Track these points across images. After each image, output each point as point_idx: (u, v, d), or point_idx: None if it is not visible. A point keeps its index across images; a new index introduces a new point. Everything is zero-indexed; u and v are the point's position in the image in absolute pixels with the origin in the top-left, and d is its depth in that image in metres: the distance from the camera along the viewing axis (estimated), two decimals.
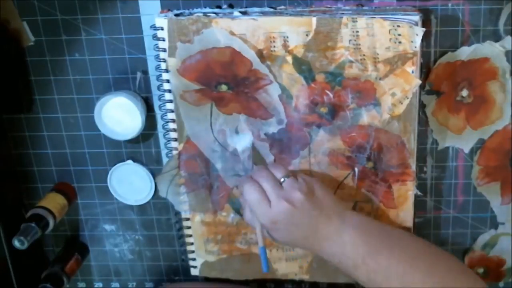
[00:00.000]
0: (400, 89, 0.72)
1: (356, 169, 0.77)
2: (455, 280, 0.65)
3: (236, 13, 0.73)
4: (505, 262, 0.84)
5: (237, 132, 0.77)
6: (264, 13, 0.73)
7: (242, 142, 0.77)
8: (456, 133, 0.78)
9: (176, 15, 0.73)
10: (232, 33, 0.72)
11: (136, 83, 0.79)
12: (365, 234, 0.69)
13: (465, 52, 0.74)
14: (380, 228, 0.72)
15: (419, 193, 0.79)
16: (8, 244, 0.80)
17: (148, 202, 0.85)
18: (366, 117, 0.74)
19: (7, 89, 0.79)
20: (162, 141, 0.81)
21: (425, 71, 0.75)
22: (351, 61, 0.72)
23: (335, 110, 0.74)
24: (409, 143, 0.75)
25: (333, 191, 0.77)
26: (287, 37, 0.72)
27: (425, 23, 0.72)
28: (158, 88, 0.77)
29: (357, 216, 0.72)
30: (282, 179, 0.72)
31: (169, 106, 0.77)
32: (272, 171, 0.73)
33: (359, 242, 0.68)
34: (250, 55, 0.72)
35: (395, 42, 0.70)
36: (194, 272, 0.87)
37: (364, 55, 0.71)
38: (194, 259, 0.86)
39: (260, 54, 0.73)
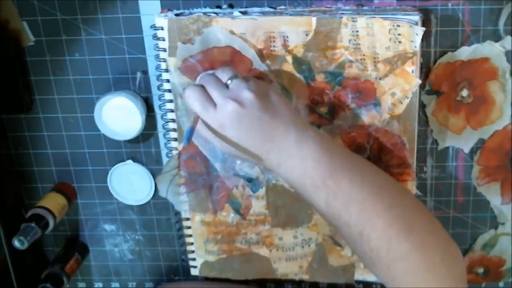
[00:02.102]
0: (400, 89, 0.72)
1: None
2: (415, 216, 0.62)
3: (236, 13, 0.73)
4: (505, 262, 0.84)
5: None
6: (264, 13, 0.73)
7: None
8: (456, 133, 0.78)
9: (176, 15, 0.73)
10: (232, 33, 0.72)
11: (136, 83, 0.79)
12: (328, 152, 0.63)
13: (465, 52, 0.74)
14: (343, 150, 0.66)
15: (419, 193, 0.79)
16: (8, 244, 0.80)
17: (148, 202, 0.85)
18: (366, 117, 0.74)
19: (7, 89, 0.79)
20: (162, 141, 0.81)
21: (425, 71, 0.75)
22: (351, 61, 0.72)
23: (335, 110, 0.74)
24: (409, 143, 0.75)
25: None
26: (287, 37, 0.72)
27: (425, 23, 0.72)
28: (158, 88, 0.77)
29: (318, 132, 0.65)
30: (228, 81, 0.65)
31: (169, 106, 0.77)
32: (218, 75, 0.66)
33: (321, 159, 0.62)
34: (251, 54, 0.72)
35: (395, 42, 0.70)
36: (194, 272, 0.87)
37: (364, 55, 0.71)
38: (194, 259, 0.86)
39: (260, 53, 0.73)
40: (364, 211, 0.61)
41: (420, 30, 0.69)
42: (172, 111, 0.77)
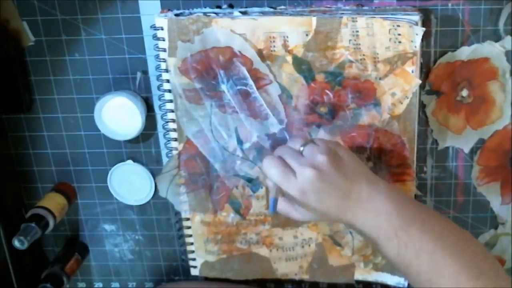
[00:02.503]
0: (400, 89, 0.72)
1: None
2: (481, 262, 0.63)
3: (236, 13, 0.73)
4: (505, 262, 0.84)
5: (237, 132, 0.77)
6: (264, 13, 0.73)
7: (248, 138, 0.77)
8: (456, 133, 0.78)
9: (176, 15, 0.73)
10: (232, 32, 0.72)
11: (136, 83, 0.79)
12: (399, 204, 0.65)
13: (465, 52, 0.74)
14: (411, 200, 0.69)
15: (419, 193, 0.79)
16: (8, 244, 0.80)
17: (148, 202, 0.85)
18: (366, 117, 0.74)
19: (7, 89, 0.79)
20: (162, 141, 0.81)
21: (425, 71, 0.75)
22: (351, 61, 0.72)
23: (335, 110, 0.74)
24: (409, 143, 0.75)
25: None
26: (287, 37, 0.72)
27: (425, 23, 0.72)
28: (158, 88, 0.77)
29: (387, 183, 0.68)
30: (301, 148, 0.68)
31: (169, 106, 0.77)
32: (291, 144, 0.69)
33: (393, 212, 0.64)
34: (251, 54, 0.72)
35: (395, 42, 0.70)
36: (194, 272, 0.87)
37: (364, 55, 0.71)
38: (194, 259, 0.86)
39: (260, 54, 0.73)
40: (434, 260, 0.63)
41: (420, 30, 0.69)
42: (172, 111, 0.77)
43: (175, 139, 0.79)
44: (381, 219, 0.64)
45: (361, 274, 0.84)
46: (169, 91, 0.76)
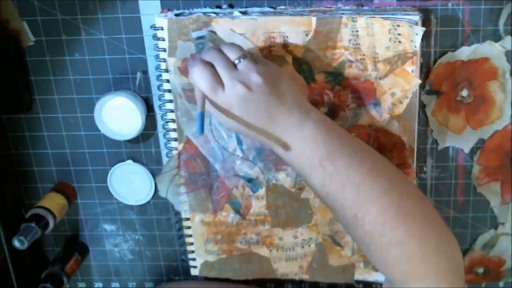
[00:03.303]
0: (400, 89, 0.72)
1: None
2: (411, 202, 0.62)
3: (236, 13, 0.73)
4: (505, 262, 0.84)
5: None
6: (264, 13, 0.73)
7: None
8: (456, 133, 0.78)
9: (176, 15, 0.73)
10: (232, 32, 0.72)
11: (136, 83, 0.79)
12: (328, 134, 0.63)
13: (465, 52, 0.74)
14: (343, 132, 0.66)
15: None
16: (8, 244, 0.80)
17: (148, 202, 0.85)
18: (366, 117, 0.74)
19: (7, 89, 0.79)
20: (162, 141, 0.81)
21: (425, 71, 0.75)
22: (351, 61, 0.72)
23: (335, 110, 0.74)
24: (409, 143, 0.75)
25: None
26: (287, 37, 0.72)
27: (425, 23, 0.72)
28: (158, 88, 0.77)
29: (321, 115, 0.66)
30: (236, 61, 0.64)
31: (169, 106, 0.77)
32: (226, 51, 0.65)
33: (320, 140, 0.62)
34: (252, 52, 0.72)
35: (395, 42, 0.70)
36: (194, 272, 0.87)
37: (364, 54, 0.71)
38: (194, 259, 0.86)
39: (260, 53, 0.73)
40: (360, 194, 0.61)
41: (420, 30, 0.69)
42: (172, 111, 0.77)
43: (175, 139, 0.79)
44: (306, 147, 0.62)
45: (361, 274, 0.84)
46: (169, 91, 0.76)
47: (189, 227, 0.84)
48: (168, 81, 0.76)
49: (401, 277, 0.62)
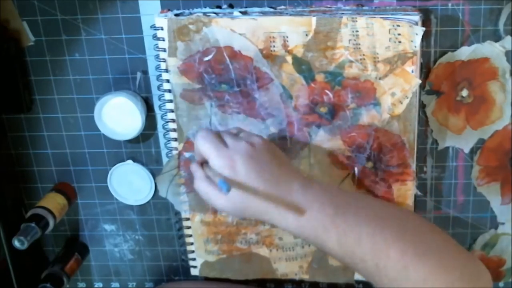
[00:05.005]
0: (400, 89, 0.72)
1: (356, 169, 0.77)
2: (426, 238, 0.62)
3: (236, 13, 0.73)
4: (505, 262, 0.84)
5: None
6: (264, 13, 0.73)
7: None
8: (456, 133, 0.78)
9: (176, 15, 0.73)
10: (232, 32, 0.72)
11: (136, 83, 0.79)
12: (331, 194, 0.65)
13: (465, 52, 0.74)
14: (342, 190, 0.69)
15: (419, 193, 0.79)
16: (8, 244, 0.80)
17: (148, 202, 0.85)
18: (366, 117, 0.74)
19: (7, 89, 0.79)
20: (162, 141, 0.81)
21: (425, 71, 0.75)
22: (351, 61, 0.72)
23: (335, 110, 0.74)
24: (409, 143, 0.75)
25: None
26: (287, 37, 0.72)
27: (425, 23, 0.72)
28: (158, 88, 0.77)
29: (317, 181, 0.67)
30: (237, 133, 0.69)
31: (169, 106, 0.77)
32: (225, 131, 0.71)
33: (326, 201, 0.64)
34: (251, 53, 0.72)
35: (394, 42, 0.70)
36: (194, 272, 0.87)
37: (364, 54, 0.71)
38: (194, 259, 0.86)
39: (260, 53, 0.73)
40: (376, 243, 0.61)
41: (420, 30, 0.69)
42: (172, 111, 0.77)
43: (175, 139, 0.79)
44: (315, 210, 0.63)
45: None
46: (169, 91, 0.76)
47: (189, 227, 0.84)
48: (168, 81, 0.76)
49: None
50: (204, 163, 0.68)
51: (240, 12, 0.73)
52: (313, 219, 0.63)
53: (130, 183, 0.84)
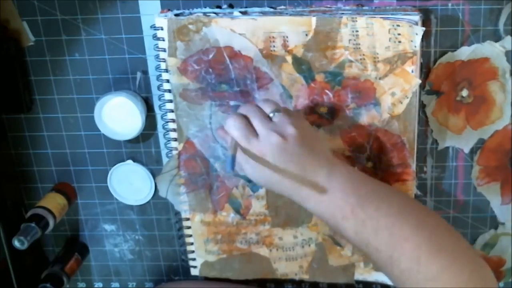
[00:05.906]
0: (400, 89, 0.72)
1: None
2: (443, 237, 0.63)
3: (236, 13, 0.73)
4: (505, 262, 0.84)
5: None
6: (264, 13, 0.73)
7: None
8: (456, 133, 0.78)
9: (176, 15, 0.73)
10: (232, 32, 0.72)
11: (136, 83, 0.79)
12: (355, 183, 0.65)
13: (465, 52, 0.74)
14: (369, 179, 0.68)
15: (419, 193, 0.79)
16: (8, 244, 0.80)
17: (148, 202, 0.85)
18: (366, 117, 0.74)
19: (7, 89, 0.79)
20: (162, 141, 0.81)
21: (425, 71, 0.75)
22: (350, 61, 0.72)
23: (335, 110, 0.74)
24: (409, 143, 0.75)
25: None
26: (287, 37, 0.72)
27: (425, 23, 0.72)
28: (158, 88, 0.77)
29: (346, 165, 0.68)
30: (271, 114, 0.67)
31: (169, 106, 0.77)
32: (261, 106, 0.68)
33: (349, 190, 0.64)
34: (251, 53, 0.72)
35: (394, 42, 0.70)
36: (194, 272, 0.87)
37: (363, 54, 0.71)
38: (194, 259, 0.86)
39: (260, 53, 0.73)
40: (393, 235, 0.62)
41: (420, 30, 0.69)
42: (172, 111, 0.77)
43: (175, 139, 0.79)
44: (337, 198, 0.64)
45: (361, 274, 0.84)
46: (169, 91, 0.76)
47: (189, 227, 0.84)
48: (168, 81, 0.76)
49: None
50: None
51: (240, 12, 0.73)
52: (333, 205, 0.64)
53: (130, 183, 0.84)
